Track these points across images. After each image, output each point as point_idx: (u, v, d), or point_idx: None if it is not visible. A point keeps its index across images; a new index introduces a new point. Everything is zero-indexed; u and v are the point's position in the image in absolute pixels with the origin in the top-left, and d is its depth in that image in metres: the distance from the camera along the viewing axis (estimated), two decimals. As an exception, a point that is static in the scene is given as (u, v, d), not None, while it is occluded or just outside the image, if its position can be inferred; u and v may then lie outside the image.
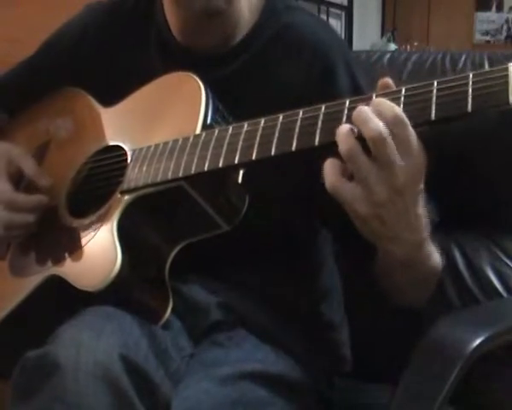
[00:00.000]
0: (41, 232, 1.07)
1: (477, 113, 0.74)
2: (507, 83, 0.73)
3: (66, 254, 0.97)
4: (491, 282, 1.26)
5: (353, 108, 0.80)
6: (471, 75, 0.76)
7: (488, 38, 4.90)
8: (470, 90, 0.75)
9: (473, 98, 0.74)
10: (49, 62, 1.20)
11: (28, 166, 1.10)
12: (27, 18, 1.83)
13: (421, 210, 0.85)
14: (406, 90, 0.79)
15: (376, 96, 0.80)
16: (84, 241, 0.96)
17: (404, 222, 0.84)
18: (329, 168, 0.81)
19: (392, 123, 0.78)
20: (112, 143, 1.05)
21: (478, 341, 0.92)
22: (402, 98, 0.79)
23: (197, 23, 1.05)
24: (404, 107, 0.78)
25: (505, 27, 4.87)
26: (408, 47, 4.36)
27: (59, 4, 1.75)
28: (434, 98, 0.77)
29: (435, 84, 0.77)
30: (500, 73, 0.74)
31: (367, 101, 0.80)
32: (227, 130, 0.89)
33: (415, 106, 0.78)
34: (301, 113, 0.84)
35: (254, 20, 1.08)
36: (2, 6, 1.82)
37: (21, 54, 1.26)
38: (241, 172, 0.87)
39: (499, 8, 4.87)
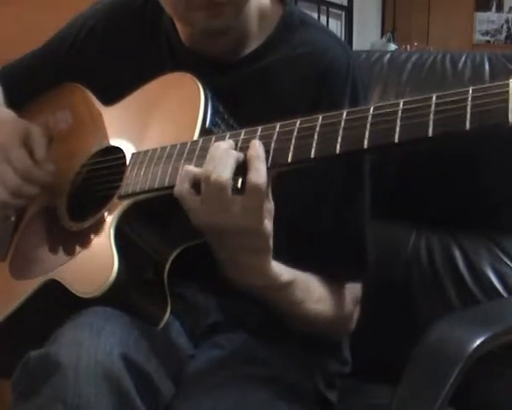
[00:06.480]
0: (41, 235, 1.07)
1: (475, 131, 0.71)
2: (506, 100, 0.69)
3: (65, 259, 0.96)
4: (491, 282, 1.26)
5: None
6: (470, 90, 0.72)
7: (488, 38, 4.90)
8: (469, 107, 0.71)
9: (471, 115, 0.71)
10: (56, 58, 1.20)
11: (40, 147, 1.08)
12: (26, 18, 1.83)
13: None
14: (404, 103, 0.77)
15: (374, 109, 0.79)
16: (81, 246, 0.96)
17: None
18: (184, 176, 0.86)
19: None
20: (110, 144, 1.05)
21: (478, 341, 0.92)
22: (399, 112, 0.77)
23: (202, 38, 1.05)
24: (400, 121, 0.76)
25: (505, 27, 4.86)
26: (408, 47, 4.35)
27: (58, 4, 1.75)
28: (432, 114, 0.74)
29: (434, 98, 0.74)
30: (500, 89, 0.70)
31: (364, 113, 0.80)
32: (224, 137, 0.88)
33: (412, 121, 0.75)
34: (298, 122, 0.84)
35: (268, 32, 1.07)
36: (1, 6, 1.82)
37: (20, 54, 1.26)
38: (240, 180, 0.86)
39: (499, 9, 4.87)
